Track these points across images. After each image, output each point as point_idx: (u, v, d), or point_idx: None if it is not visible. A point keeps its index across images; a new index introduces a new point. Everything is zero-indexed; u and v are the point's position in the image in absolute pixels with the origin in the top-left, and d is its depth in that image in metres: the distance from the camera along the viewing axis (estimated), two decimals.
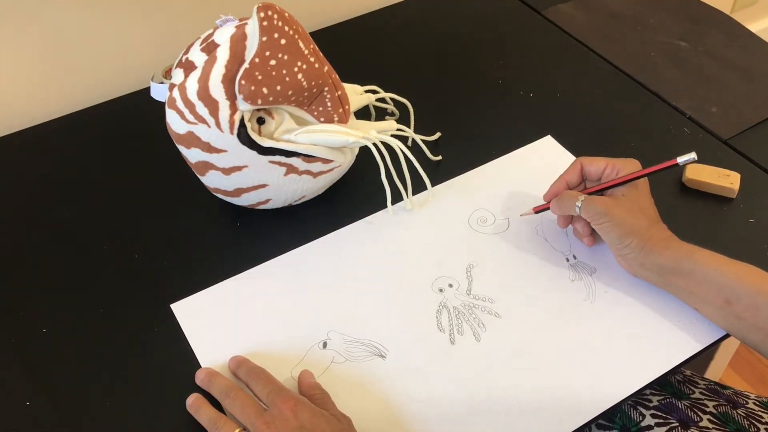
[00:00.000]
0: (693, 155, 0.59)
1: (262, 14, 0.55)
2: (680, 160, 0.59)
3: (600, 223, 0.60)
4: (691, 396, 0.67)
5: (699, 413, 0.64)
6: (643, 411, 0.64)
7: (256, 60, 0.56)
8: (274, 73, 0.57)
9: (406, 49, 0.89)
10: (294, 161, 0.62)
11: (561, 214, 0.64)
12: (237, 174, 0.62)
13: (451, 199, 0.71)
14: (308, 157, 0.62)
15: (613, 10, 0.94)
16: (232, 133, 0.59)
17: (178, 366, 0.58)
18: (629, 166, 0.62)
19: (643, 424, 0.63)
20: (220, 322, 0.61)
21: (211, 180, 0.64)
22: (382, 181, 0.66)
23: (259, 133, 0.61)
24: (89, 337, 0.60)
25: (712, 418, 0.63)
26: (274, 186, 0.64)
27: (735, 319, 0.56)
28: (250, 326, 0.61)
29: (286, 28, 0.57)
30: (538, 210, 0.67)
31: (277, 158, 0.62)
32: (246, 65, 0.56)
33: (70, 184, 0.73)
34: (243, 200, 0.66)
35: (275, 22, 0.56)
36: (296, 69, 0.58)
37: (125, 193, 0.72)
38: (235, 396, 0.53)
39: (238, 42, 0.57)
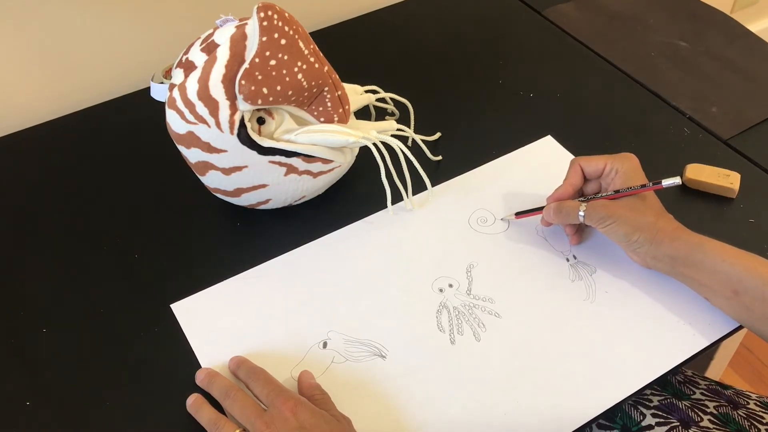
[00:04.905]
0: (678, 179, 0.59)
1: (262, 14, 0.55)
2: (665, 183, 0.60)
3: (605, 226, 0.60)
4: (692, 396, 0.67)
5: (700, 413, 0.64)
6: (644, 410, 0.64)
7: (256, 60, 0.56)
8: (274, 73, 0.57)
9: (406, 49, 0.89)
10: (294, 161, 0.62)
11: (562, 223, 0.64)
12: (237, 174, 0.62)
13: (451, 199, 0.71)
14: (308, 157, 0.62)
15: (613, 10, 0.94)
16: (232, 133, 0.59)
17: (178, 366, 0.58)
18: (626, 160, 0.62)
19: (643, 423, 0.63)
20: (220, 322, 0.61)
21: (211, 180, 0.64)
22: (382, 181, 0.66)
23: (259, 133, 0.61)
24: (89, 337, 0.60)
25: (712, 419, 0.63)
26: (274, 186, 0.64)
27: (744, 310, 0.57)
28: (250, 326, 0.61)
29: (286, 28, 0.56)
30: (520, 217, 0.67)
31: (277, 158, 0.62)
32: (246, 65, 0.56)
33: (70, 184, 0.73)
34: (243, 200, 0.66)
35: (275, 22, 0.56)
36: (296, 69, 0.58)
37: (125, 193, 0.72)
38: (235, 396, 0.53)
39: (238, 42, 0.57)
